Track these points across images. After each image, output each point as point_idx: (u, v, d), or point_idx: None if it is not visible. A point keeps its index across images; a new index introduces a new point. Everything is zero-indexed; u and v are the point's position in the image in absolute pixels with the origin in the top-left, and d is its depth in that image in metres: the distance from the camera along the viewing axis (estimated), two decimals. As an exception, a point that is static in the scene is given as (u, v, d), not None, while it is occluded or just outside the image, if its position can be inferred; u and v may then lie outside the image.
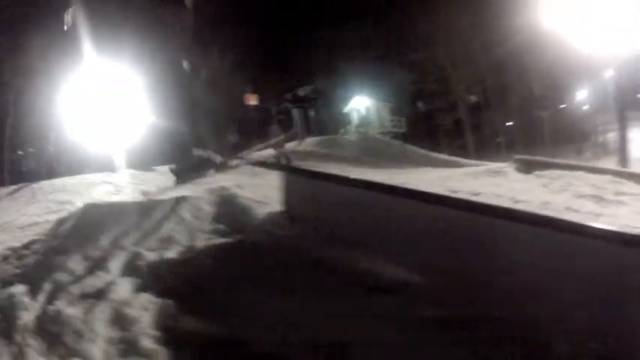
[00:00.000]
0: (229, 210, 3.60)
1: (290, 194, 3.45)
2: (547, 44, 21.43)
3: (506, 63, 25.48)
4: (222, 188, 4.02)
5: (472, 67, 26.40)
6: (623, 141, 16.50)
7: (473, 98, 25.69)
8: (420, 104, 29.71)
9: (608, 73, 23.50)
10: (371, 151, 18.66)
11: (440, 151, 19.36)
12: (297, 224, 3.11)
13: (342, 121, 34.98)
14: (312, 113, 21.73)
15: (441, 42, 27.23)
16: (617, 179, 7.74)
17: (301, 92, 18.15)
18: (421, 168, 14.31)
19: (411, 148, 18.91)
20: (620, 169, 9.70)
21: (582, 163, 8.25)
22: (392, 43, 30.77)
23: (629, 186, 7.58)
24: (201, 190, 4.19)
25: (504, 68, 25.72)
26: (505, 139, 24.18)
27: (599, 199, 6.80)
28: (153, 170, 10.02)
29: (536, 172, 8.40)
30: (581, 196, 6.90)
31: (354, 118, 35.60)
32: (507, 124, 26.64)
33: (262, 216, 3.39)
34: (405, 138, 26.09)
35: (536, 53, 23.83)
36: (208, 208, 3.64)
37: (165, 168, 5.48)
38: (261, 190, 4.19)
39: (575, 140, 24.01)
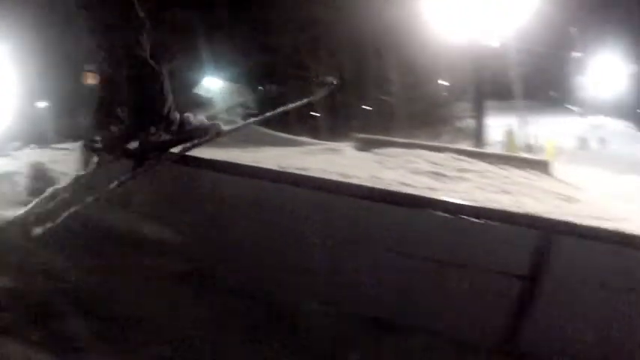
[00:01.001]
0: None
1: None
2: (409, 31, 21.50)
3: (365, 48, 25.48)
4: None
5: (327, 50, 26.14)
6: (479, 125, 17.26)
7: (330, 80, 25.27)
8: (272, 86, 29.16)
9: (470, 62, 24.44)
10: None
11: (290, 132, 18.59)
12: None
13: (194, 101, 33.92)
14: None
15: (294, 27, 26.69)
16: (460, 157, 7.56)
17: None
18: (263, 147, 13.57)
19: (257, 128, 17.89)
20: (462, 147, 9.55)
21: (423, 142, 8.00)
22: (246, 27, 29.82)
23: (472, 164, 7.42)
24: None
25: (362, 53, 25.77)
26: (361, 122, 24.02)
27: (438, 175, 6.57)
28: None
29: (375, 150, 7.98)
30: (418, 173, 6.56)
31: (204, 98, 34.82)
32: (364, 107, 26.68)
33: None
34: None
35: (395, 40, 23.86)
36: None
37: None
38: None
39: (434, 125, 24.43)
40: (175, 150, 3.01)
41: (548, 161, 9.54)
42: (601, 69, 35.94)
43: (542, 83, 36.18)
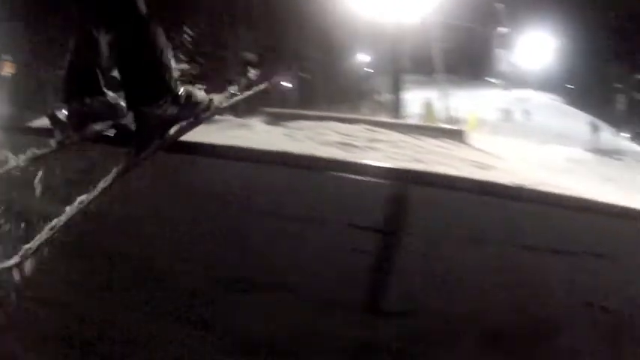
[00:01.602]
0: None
1: None
2: (329, 6, 21.44)
3: (285, 24, 25.26)
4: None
5: (247, 27, 25.80)
6: (397, 98, 17.71)
7: (249, 56, 24.89)
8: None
9: (390, 38, 24.83)
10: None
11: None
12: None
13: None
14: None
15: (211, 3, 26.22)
16: (373, 128, 7.51)
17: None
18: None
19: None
20: (376, 118, 9.56)
21: (334, 114, 7.93)
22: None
23: (386, 134, 7.36)
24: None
25: (282, 29, 25.56)
26: (280, 98, 23.86)
27: (347, 146, 6.48)
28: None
29: (285, 124, 7.88)
30: (327, 144, 6.46)
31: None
32: (284, 83, 26.55)
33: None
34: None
35: (315, 15, 23.70)
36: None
37: None
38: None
39: (353, 100, 24.59)
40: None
41: (464, 130, 9.60)
42: (528, 43, 36.89)
43: (467, 58, 37.32)
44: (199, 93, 2.52)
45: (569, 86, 50.66)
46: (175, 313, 2.02)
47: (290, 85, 15.39)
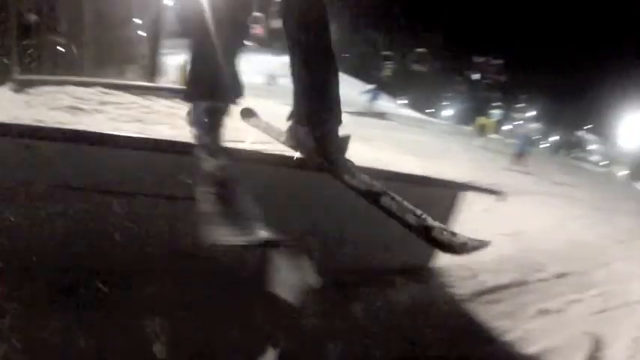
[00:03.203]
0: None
1: None
2: None
3: None
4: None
5: None
6: (153, 61, 17.60)
7: (32, 18, 22.90)
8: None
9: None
10: None
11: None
12: None
13: None
14: None
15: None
16: (107, 91, 7.82)
17: None
18: None
19: None
20: (111, 81, 9.78)
21: (74, 78, 8.06)
22: None
23: (118, 96, 7.76)
24: None
25: None
26: (50, 64, 22.51)
27: (76, 109, 6.74)
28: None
29: (29, 90, 7.72)
30: (57, 109, 6.68)
31: None
32: (59, 48, 24.97)
33: None
34: None
35: None
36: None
37: None
38: None
39: (121, 64, 24.10)
40: None
41: None
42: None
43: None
44: None
45: (344, 55, 54.65)
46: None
47: (62, 50, 15.00)
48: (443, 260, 3.65)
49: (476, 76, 64.37)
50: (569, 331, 3.38)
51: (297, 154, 2.47)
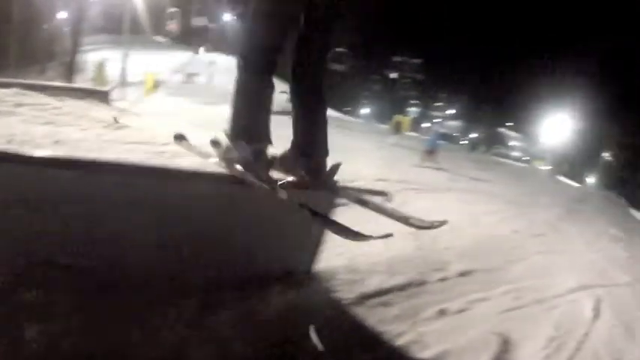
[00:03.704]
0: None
1: None
2: None
3: None
4: None
5: None
6: (72, 60, 17.19)
7: None
8: None
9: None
10: None
11: None
12: None
13: None
14: None
15: None
16: (24, 92, 8.03)
17: None
18: None
19: None
20: (28, 81, 9.96)
21: None
22: None
23: (33, 97, 7.94)
24: None
25: None
26: None
27: None
28: None
29: None
30: None
31: None
32: None
33: None
34: None
35: None
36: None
37: None
38: None
39: (43, 61, 23.84)
40: None
41: (108, 91, 10.32)
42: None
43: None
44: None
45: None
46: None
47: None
48: (329, 264, 3.49)
49: (394, 75, 66.16)
50: (473, 333, 3.23)
51: (288, 178, 2.80)
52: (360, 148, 14.44)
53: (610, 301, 4.68)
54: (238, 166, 2.71)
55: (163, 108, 14.99)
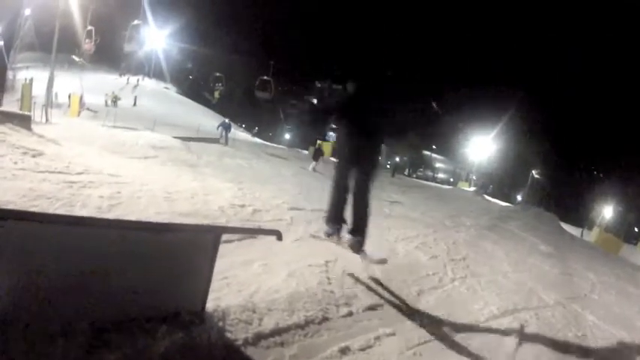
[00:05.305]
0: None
1: None
2: None
3: None
4: None
5: None
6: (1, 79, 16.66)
7: None
8: None
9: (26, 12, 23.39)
10: None
11: None
12: None
13: None
14: None
15: None
16: None
17: None
18: None
19: None
20: None
21: None
22: None
23: None
24: None
25: None
26: None
27: None
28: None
29: None
30: None
31: None
32: None
33: None
34: None
35: None
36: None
37: None
38: None
39: None
40: None
41: (30, 116, 10.06)
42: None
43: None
44: None
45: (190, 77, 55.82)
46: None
47: None
48: (225, 302, 3.30)
49: (314, 100, 66.93)
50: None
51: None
52: (277, 175, 14.34)
53: (537, 324, 4.58)
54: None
55: (84, 132, 14.69)
